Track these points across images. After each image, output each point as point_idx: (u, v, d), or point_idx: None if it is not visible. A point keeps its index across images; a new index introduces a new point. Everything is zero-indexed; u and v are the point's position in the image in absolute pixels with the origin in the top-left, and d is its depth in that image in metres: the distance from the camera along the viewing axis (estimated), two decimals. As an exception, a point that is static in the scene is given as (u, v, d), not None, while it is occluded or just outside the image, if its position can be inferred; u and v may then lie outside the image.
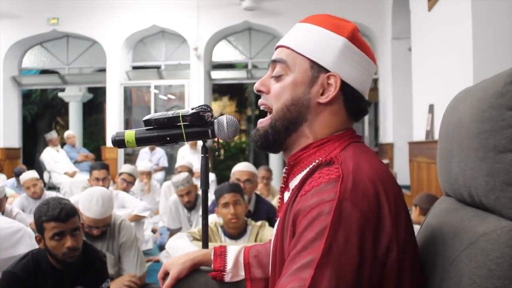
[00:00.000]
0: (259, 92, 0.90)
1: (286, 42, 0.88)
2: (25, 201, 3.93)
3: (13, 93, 8.12)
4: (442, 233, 0.80)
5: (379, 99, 7.26)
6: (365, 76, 0.86)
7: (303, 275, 0.66)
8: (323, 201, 0.69)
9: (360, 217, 0.68)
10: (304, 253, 0.68)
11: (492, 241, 0.66)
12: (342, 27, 0.85)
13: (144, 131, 1.19)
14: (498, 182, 0.68)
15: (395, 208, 0.73)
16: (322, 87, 0.83)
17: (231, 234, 2.33)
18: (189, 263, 1.13)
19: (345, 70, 0.83)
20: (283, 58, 0.86)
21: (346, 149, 0.80)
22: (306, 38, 0.86)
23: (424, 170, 4.18)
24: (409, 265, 0.74)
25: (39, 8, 7.61)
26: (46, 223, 1.71)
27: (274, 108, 0.86)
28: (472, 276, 0.66)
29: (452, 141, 0.81)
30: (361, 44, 0.86)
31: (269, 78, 0.89)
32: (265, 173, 3.91)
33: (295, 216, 0.73)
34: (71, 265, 1.76)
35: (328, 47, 0.83)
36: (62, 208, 1.73)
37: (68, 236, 1.73)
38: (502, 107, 0.68)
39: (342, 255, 0.66)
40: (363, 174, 0.73)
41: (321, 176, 0.74)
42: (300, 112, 0.84)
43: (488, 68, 2.84)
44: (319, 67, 0.83)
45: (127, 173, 4.12)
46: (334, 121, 0.84)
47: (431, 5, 4.01)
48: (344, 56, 0.83)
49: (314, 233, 0.68)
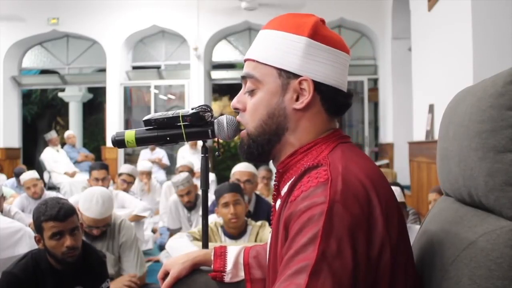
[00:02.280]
0: (236, 110, 0.89)
1: (251, 55, 0.86)
2: (25, 201, 3.94)
3: (13, 93, 8.13)
4: (442, 233, 0.80)
5: (379, 99, 7.26)
6: (338, 68, 0.83)
7: (298, 281, 0.65)
8: (314, 205, 0.68)
9: (351, 220, 0.67)
10: (297, 258, 0.67)
11: (492, 241, 0.66)
12: (302, 26, 0.82)
13: (144, 131, 1.19)
14: (497, 182, 0.68)
15: (387, 208, 0.72)
16: (296, 93, 0.81)
17: (231, 234, 2.33)
18: (189, 263, 1.13)
19: (314, 70, 0.80)
20: (251, 72, 0.84)
21: (334, 151, 0.79)
22: (268, 46, 0.83)
23: (424, 170, 4.18)
24: (403, 265, 0.73)
25: (39, 8, 7.62)
26: (45, 223, 1.71)
27: (250, 125, 0.85)
28: (472, 276, 0.66)
29: (452, 141, 0.81)
30: (325, 38, 0.82)
31: (244, 94, 0.88)
32: (265, 173, 3.92)
33: (286, 221, 0.73)
34: (71, 265, 1.76)
35: (291, 51, 0.81)
36: (60, 207, 1.73)
37: (67, 236, 1.73)
38: (502, 107, 0.68)
39: (336, 259, 0.65)
40: (352, 175, 0.72)
41: (309, 180, 0.73)
42: (279, 123, 0.82)
43: (488, 68, 2.84)
44: (287, 73, 0.81)
45: (127, 174, 4.12)
46: (315, 124, 0.83)
47: (431, 5, 4.02)
48: (309, 56, 0.80)
49: (307, 238, 0.67)
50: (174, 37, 7.79)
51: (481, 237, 0.67)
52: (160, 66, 8.02)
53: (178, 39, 7.76)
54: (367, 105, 7.35)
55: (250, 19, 7.21)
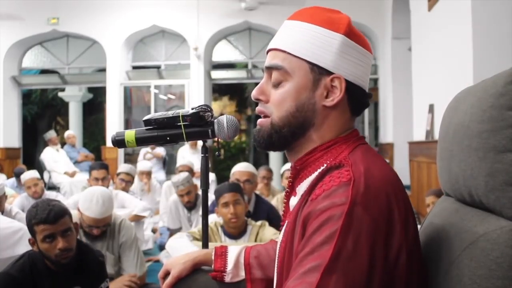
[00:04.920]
0: (258, 101, 0.86)
1: (280, 45, 0.83)
2: (25, 200, 3.93)
3: (13, 93, 8.13)
4: (442, 233, 0.80)
5: (379, 99, 7.28)
6: (365, 69, 0.83)
7: (309, 279, 0.65)
8: (334, 205, 0.68)
9: (370, 223, 0.67)
10: (312, 256, 0.67)
11: (492, 241, 0.66)
12: (336, 22, 0.80)
13: (144, 131, 1.19)
14: (498, 182, 0.68)
15: (405, 211, 0.72)
16: (326, 89, 0.80)
17: (231, 234, 2.34)
18: (190, 263, 1.13)
19: (346, 69, 0.80)
20: (280, 63, 0.81)
21: (355, 152, 0.78)
22: (300, 39, 0.80)
23: (424, 170, 4.19)
24: (416, 267, 0.73)
25: (39, 8, 7.62)
26: (36, 226, 1.70)
27: (276, 115, 0.82)
28: (472, 276, 0.66)
29: (452, 141, 0.81)
30: (358, 37, 0.82)
31: (267, 84, 0.85)
32: (265, 173, 3.93)
33: (305, 219, 0.72)
34: (66, 266, 1.76)
35: (326, 47, 0.79)
36: (50, 210, 1.70)
37: (59, 238, 1.71)
38: (502, 107, 0.68)
39: (351, 261, 0.65)
40: (374, 178, 0.71)
41: (331, 180, 0.72)
42: (306, 117, 0.81)
43: (488, 68, 2.84)
44: (320, 69, 0.79)
45: (125, 173, 4.11)
46: (340, 123, 0.82)
47: (431, 5, 4.02)
48: (343, 54, 0.79)
49: (323, 237, 0.67)
50: (174, 37, 7.79)
51: (481, 237, 0.67)
52: (160, 66, 8.03)
53: (178, 39, 7.77)
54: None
55: (250, 19, 7.21)
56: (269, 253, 1.12)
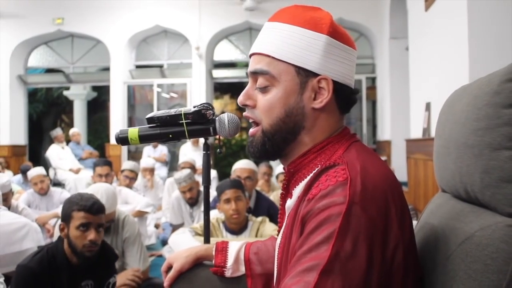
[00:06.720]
0: (245, 106, 0.84)
1: (264, 49, 0.80)
2: (31, 197, 3.99)
3: (19, 91, 8.20)
4: (438, 228, 0.81)
5: (377, 97, 7.27)
6: (351, 67, 0.82)
7: (307, 278, 0.64)
8: (332, 204, 0.68)
9: (368, 223, 0.66)
10: (310, 256, 0.66)
11: (488, 236, 0.66)
12: (319, 22, 0.78)
13: (147, 128, 1.20)
14: (493, 178, 0.68)
15: (401, 208, 0.72)
16: (314, 91, 0.79)
17: (232, 230, 2.36)
18: (192, 258, 1.14)
19: (332, 69, 0.78)
20: (265, 68, 0.79)
21: (349, 150, 0.77)
22: (284, 42, 0.78)
23: (421, 167, 4.21)
24: (412, 264, 0.73)
25: (45, 8, 7.68)
26: (76, 212, 1.75)
27: (266, 122, 0.81)
28: (468, 270, 0.67)
29: (449, 138, 0.81)
30: (341, 36, 0.80)
31: (252, 89, 0.83)
32: (266, 169, 3.93)
33: (304, 217, 0.72)
34: (87, 259, 1.79)
35: (310, 49, 0.77)
36: (94, 202, 1.79)
37: (93, 229, 1.76)
38: (498, 105, 0.68)
39: (349, 262, 0.65)
40: (370, 176, 0.70)
41: (328, 179, 0.71)
42: (297, 122, 0.79)
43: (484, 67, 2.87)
44: (306, 71, 0.78)
45: (129, 170, 4.14)
46: (330, 123, 0.81)
47: (428, 5, 4.05)
48: (328, 55, 0.78)
49: (322, 236, 0.66)
50: (176, 36, 7.82)
51: (477, 232, 0.68)
52: (162, 65, 8.05)
53: (180, 39, 7.81)
54: (365, 103, 7.35)
55: (250, 19, 7.25)
56: (269, 249, 1.13)
